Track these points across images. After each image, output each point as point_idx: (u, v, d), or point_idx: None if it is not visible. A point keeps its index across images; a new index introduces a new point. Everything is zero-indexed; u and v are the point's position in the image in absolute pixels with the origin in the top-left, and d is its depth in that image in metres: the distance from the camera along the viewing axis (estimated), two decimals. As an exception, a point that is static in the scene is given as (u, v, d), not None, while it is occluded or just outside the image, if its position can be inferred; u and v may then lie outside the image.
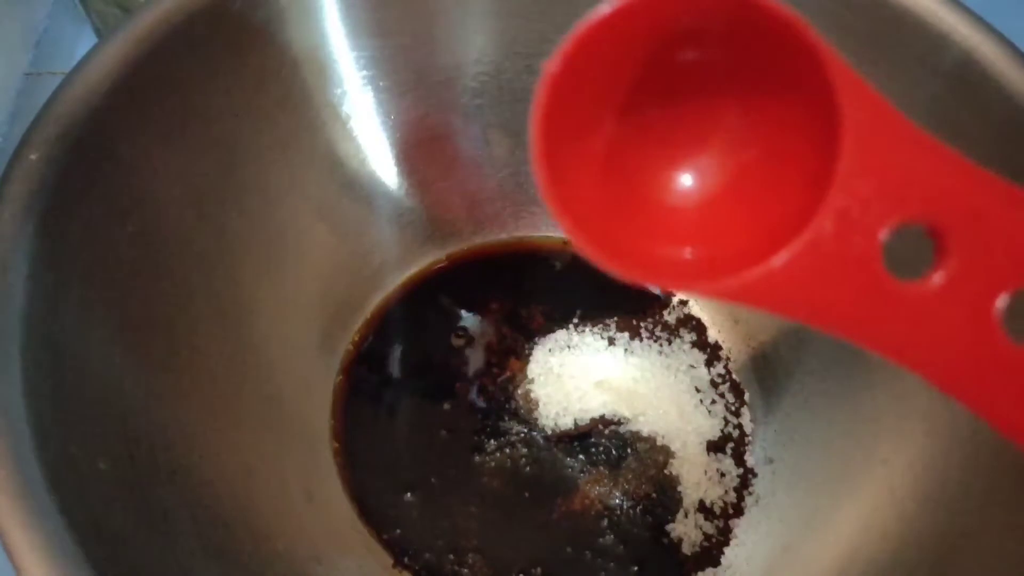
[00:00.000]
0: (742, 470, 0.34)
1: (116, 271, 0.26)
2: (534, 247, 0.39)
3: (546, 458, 0.34)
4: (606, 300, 0.38)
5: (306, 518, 0.31)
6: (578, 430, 0.34)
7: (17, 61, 0.42)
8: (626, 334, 0.37)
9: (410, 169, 0.37)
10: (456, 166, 0.37)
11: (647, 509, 0.33)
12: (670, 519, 0.33)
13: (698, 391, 0.36)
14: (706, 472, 0.34)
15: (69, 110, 0.25)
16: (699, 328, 0.37)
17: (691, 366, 0.36)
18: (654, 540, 0.32)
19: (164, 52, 0.27)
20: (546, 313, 0.38)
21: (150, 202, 0.28)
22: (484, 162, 0.37)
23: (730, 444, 0.35)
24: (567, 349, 0.36)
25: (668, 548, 0.32)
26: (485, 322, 0.37)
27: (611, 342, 0.36)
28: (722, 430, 0.35)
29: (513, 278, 0.39)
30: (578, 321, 0.37)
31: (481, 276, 0.39)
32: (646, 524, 0.33)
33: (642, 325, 0.37)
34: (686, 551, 0.32)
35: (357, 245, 0.37)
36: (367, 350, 0.36)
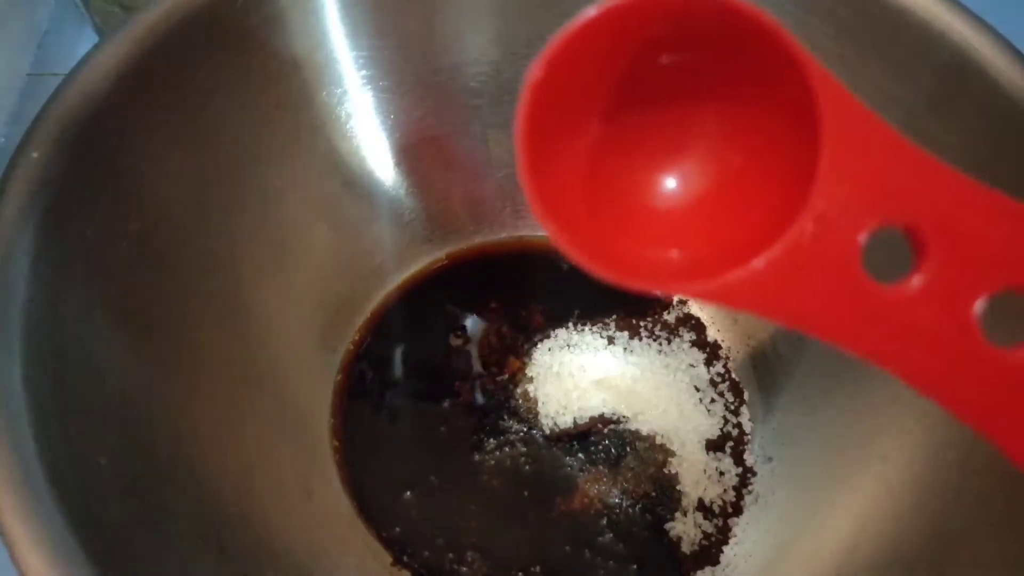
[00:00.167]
0: (741, 469, 0.34)
1: (117, 269, 0.26)
2: (534, 246, 0.39)
3: (545, 457, 0.34)
4: (606, 299, 0.38)
5: (306, 516, 0.31)
6: (577, 429, 0.34)
7: (19, 62, 0.42)
8: (626, 333, 0.37)
9: (410, 169, 0.37)
10: (456, 166, 0.38)
11: (646, 508, 0.33)
12: (669, 518, 0.33)
13: (697, 390, 0.36)
14: (705, 471, 0.34)
15: (70, 109, 0.25)
16: (698, 327, 0.38)
17: (690, 365, 0.36)
18: (653, 539, 0.32)
19: (165, 51, 0.27)
20: (546, 312, 0.38)
21: (151, 201, 0.28)
22: (484, 162, 0.37)
23: (729, 443, 0.35)
24: (567, 348, 0.36)
25: (667, 547, 0.32)
26: (485, 321, 0.38)
27: (611, 341, 0.37)
28: (721, 429, 0.35)
29: (513, 277, 0.39)
30: (578, 320, 0.37)
31: (481, 275, 0.39)
32: (645, 523, 0.33)
33: (641, 324, 0.37)
34: (685, 550, 0.32)
35: (357, 244, 0.37)
36: (367, 349, 0.37)
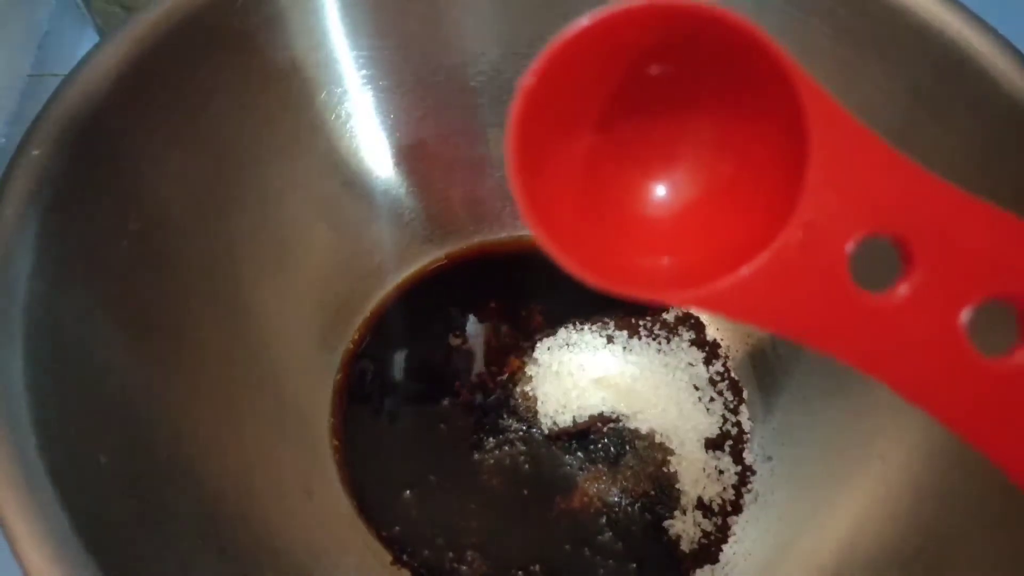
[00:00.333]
0: (740, 467, 0.34)
1: (117, 268, 0.26)
2: (533, 246, 0.39)
3: (545, 456, 0.34)
4: (605, 299, 0.38)
5: (306, 515, 0.31)
6: (577, 428, 0.34)
7: (20, 63, 0.42)
8: (625, 332, 0.37)
9: (410, 168, 0.37)
10: (455, 165, 0.38)
11: (646, 506, 0.33)
12: (669, 516, 0.33)
13: (697, 389, 0.36)
14: (704, 469, 0.34)
15: (70, 108, 0.25)
16: (697, 326, 0.38)
17: (690, 364, 0.36)
18: (653, 537, 0.33)
19: (165, 51, 0.27)
20: (545, 312, 0.38)
21: (151, 201, 0.28)
22: (483, 161, 0.38)
23: (728, 442, 0.35)
24: (566, 347, 0.36)
25: (667, 545, 0.32)
26: (484, 321, 0.38)
27: (610, 340, 0.37)
28: (720, 428, 0.35)
29: (512, 277, 0.39)
30: (577, 319, 0.37)
31: (481, 275, 0.39)
32: (645, 521, 0.33)
33: (641, 323, 0.37)
34: (685, 548, 0.32)
35: (357, 244, 0.37)
36: (367, 348, 0.37)
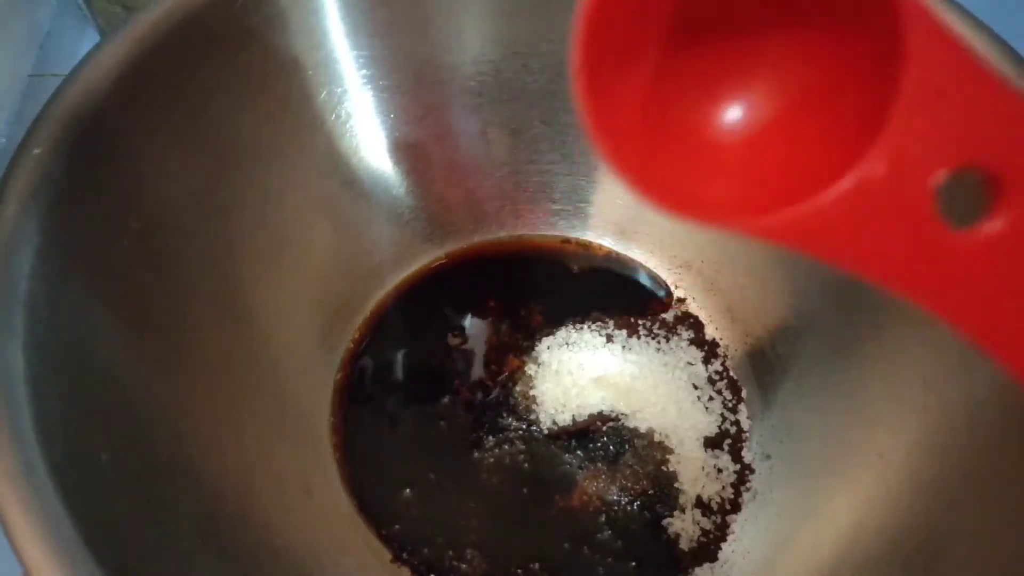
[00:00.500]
0: (739, 466, 0.34)
1: (117, 267, 0.26)
2: (533, 245, 0.40)
3: (544, 454, 0.34)
4: (604, 298, 0.38)
5: (306, 514, 0.31)
6: (576, 426, 0.35)
7: (21, 63, 0.42)
8: (624, 331, 0.37)
9: (409, 168, 0.37)
10: (455, 165, 0.38)
11: (645, 505, 0.33)
12: (668, 515, 0.33)
13: (695, 388, 0.36)
14: (703, 468, 0.34)
15: (71, 108, 0.25)
16: (696, 325, 0.38)
17: (688, 363, 0.36)
18: (652, 536, 0.33)
19: (165, 51, 0.27)
20: (544, 311, 0.38)
21: (151, 200, 0.28)
22: (483, 161, 0.38)
23: (727, 440, 0.35)
24: (565, 346, 0.36)
25: (666, 544, 0.32)
26: (484, 320, 0.38)
27: (609, 339, 0.37)
28: (719, 426, 0.35)
29: (512, 276, 0.39)
30: (576, 319, 0.37)
31: (480, 274, 0.39)
32: (644, 520, 0.33)
33: (640, 322, 0.37)
34: (684, 547, 0.32)
35: (357, 243, 0.37)
36: (367, 347, 0.37)
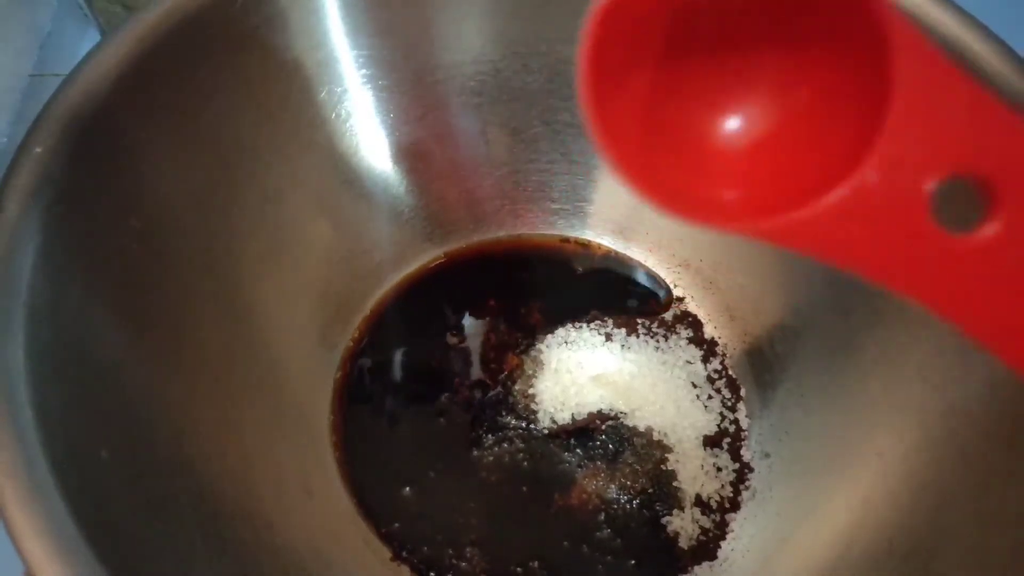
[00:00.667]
0: (738, 465, 0.34)
1: (118, 266, 0.27)
2: (532, 245, 0.40)
3: (544, 453, 0.34)
4: (603, 297, 0.38)
5: (306, 512, 0.31)
6: (575, 425, 0.35)
7: (22, 63, 0.42)
8: (623, 330, 0.37)
9: (409, 167, 0.37)
10: (455, 164, 0.38)
11: (644, 503, 0.33)
12: (667, 513, 0.33)
13: (694, 386, 0.36)
14: (703, 467, 0.34)
15: (72, 107, 0.25)
16: (695, 324, 0.38)
17: (687, 362, 0.37)
18: (651, 534, 0.33)
19: (166, 50, 0.27)
20: (543, 310, 0.38)
21: (151, 199, 0.28)
22: (483, 161, 0.38)
23: (726, 439, 0.35)
24: (564, 345, 0.36)
25: (665, 542, 0.33)
26: (483, 319, 0.38)
27: (608, 338, 0.37)
28: (718, 425, 0.35)
29: (511, 275, 0.39)
30: (575, 317, 0.37)
31: (480, 273, 0.39)
32: (643, 518, 0.33)
33: (639, 321, 0.38)
34: (683, 545, 0.32)
35: (357, 242, 0.37)
36: (366, 346, 0.37)
